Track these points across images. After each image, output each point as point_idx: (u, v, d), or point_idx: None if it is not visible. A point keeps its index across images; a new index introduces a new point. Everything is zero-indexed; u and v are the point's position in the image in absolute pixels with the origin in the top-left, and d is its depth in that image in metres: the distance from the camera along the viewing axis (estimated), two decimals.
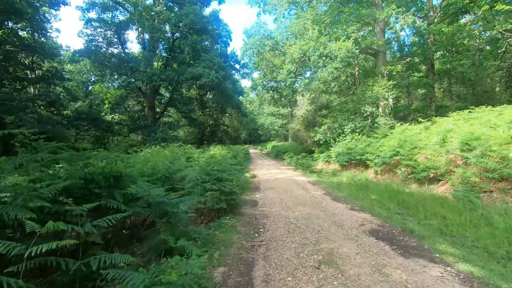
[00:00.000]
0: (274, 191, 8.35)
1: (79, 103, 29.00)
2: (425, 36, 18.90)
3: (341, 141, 16.75)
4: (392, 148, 11.41)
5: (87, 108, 24.97)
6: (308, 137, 26.16)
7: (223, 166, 6.09)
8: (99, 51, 22.24)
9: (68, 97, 18.76)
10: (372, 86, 17.13)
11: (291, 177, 12.06)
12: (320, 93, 27.65)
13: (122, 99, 22.50)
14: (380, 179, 11.55)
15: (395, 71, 17.58)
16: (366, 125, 16.41)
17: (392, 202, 6.97)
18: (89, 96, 26.99)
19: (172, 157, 9.32)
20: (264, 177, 12.02)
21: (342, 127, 17.75)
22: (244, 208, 6.22)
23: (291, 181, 10.46)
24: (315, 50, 15.16)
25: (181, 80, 22.39)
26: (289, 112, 43.18)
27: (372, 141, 14.56)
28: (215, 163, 6.20)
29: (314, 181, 10.86)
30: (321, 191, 8.50)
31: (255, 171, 15.10)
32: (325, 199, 7.18)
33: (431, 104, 20.84)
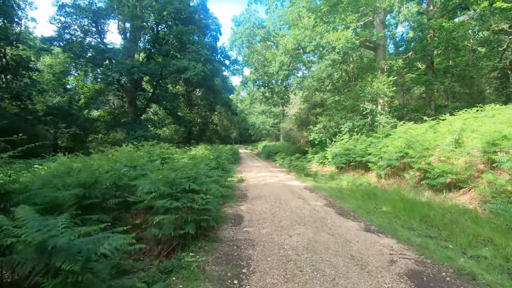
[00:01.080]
0: (264, 201, 6.75)
1: (58, 99, 26.75)
2: (425, 31, 17.77)
3: (338, 141, 15.41)
4: (399, 148, 10.02)
5: (66, 104, 22.83)
6: (301, 136, 24.72)
7: (195, 172, 4.45)
8: (74, 40, 20.19)
9: (34, 89, 16.63)
10: (371, 82, 15.78)
11: (284, 181, 10.49)
12: (314, 91, 26.33)
13: (98, 93, 20.47)
14: (385, 184, 10.15)
15: (396, 66, 16.26)
16: (366, 124, 15.04)
17: (413, 218, 5.50)
18: (68, 91, 24.84)
19: (138, 159, 7.63)
20: (253, 182, 10.41)
21: (339, 126, 16.38)
22: (224, 229, 4.59)
23: (285, 187, 8.89)
24: (311, 40, 13.68)
25: (165, 73, 20.58)
26: (281, 111, 41.76)
27: (373, 141, 13.23)
28: (184, 168, 4.56)
29: (311, 187, 9.32)
30: (322, 200, 6.96)
31: (243, 174, 13.48)
32: (329, 213, 5.62)
33: (430, 103, 19.69)
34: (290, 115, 37.34)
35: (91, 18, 20.36)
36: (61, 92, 26.19)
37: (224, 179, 6.91)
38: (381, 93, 15.05)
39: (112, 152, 9.25)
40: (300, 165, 12.77)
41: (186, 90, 30.32)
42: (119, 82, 20.17)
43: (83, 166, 4.12)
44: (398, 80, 20.49)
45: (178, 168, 4.44)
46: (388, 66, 16.80)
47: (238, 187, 9.12)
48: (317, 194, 7.92)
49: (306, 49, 13.97)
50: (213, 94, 25.89)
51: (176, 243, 3.71)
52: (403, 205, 6.38)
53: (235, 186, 9.22)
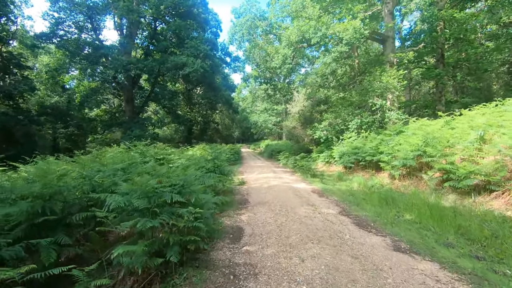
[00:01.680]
0: (268, 208, 5.87)
1: (56, 98, 26.02)
2: (434, 23, 16.79)
3: (346, 139, 14.50)
4: (416, 146, 9.11)
5: (65, 103, 22.08)
6: (305, 135, 23.80)
7: (183, 179, 3.57)
8: (68, 36, 19.41)
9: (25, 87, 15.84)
10: (380, 76, 14.82)
11: (289, 183, 9.60)
12: (318, 87, 25.40)
13: (93, 92, 19.66)
14: (400, 186, 9.25)
15: (406, 59, 15.27)
16: (375, 120, 14.10)
17: (445, 229, 4.61)
18: (66, 91, 24.08)
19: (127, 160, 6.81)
20: (255, 184, 9.54)
21: (346, 123, 15.47)
22: (219, 248, 3.72)
23: (290, 191, 8.00)
24: (316, 30, 12.75)
25: (163, 70, 19.74)
26: (284, 109, 40.84)
27: (385, 138, 12.32)
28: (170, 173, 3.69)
29: (320, 190, 8.43)
30: (334, 207, 6.06)
31: (245, 175, 12.63)
32: (346, 224, 4.73)
33: (440, 99, 18.72)
34: (293, 113, 36.41)
35: (86, 14, 19.55)
36: (60, 91, 25.46)
37: (223, 183, 6.05)
38: (391, 88, 14.11)
39: (100, 153, 8.45)
40: (306, 165, 11.88)
41: (186, 88, 29.49)
42: (115, 79, 19.35)
43: (40, 173, 3.25)
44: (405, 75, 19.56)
45: (161, 173, 3.55)
46: (397, 59, 15.86)
47: (238, 191, 8.25)
48: (328, 199, 7.02)
49: (311, 41, 13.04)
50: (214, 91, 25.03)
51: (155, 273, 2.84)
52: (430, 213, 5.49)
53: (235, 190, 8.35)
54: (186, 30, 20.43)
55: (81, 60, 18.43)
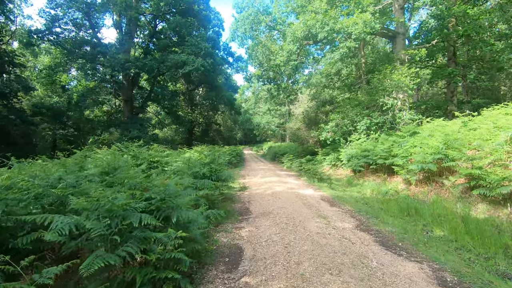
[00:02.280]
0: (272, 221, 5.02)
1: (55, 99, 25.42)
2: (446, 19, 15.98)
3: (354, 141, 13.65)
4: (436, 149, 8.22)
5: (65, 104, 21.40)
6: (309, 136, 22.95)
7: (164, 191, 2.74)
8: (66, 34, 18.78)
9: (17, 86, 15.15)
10: (391, 74, 13.94)
11: (295, 189, 8.74)
12: (322, 88, 24.59)
13: (90, 91, 18.98)
14: (418, 192, 8.38)
15: (418, 56, 14.38)
16: (386, 121, 13.21)
17: (490, 250, 3.76)
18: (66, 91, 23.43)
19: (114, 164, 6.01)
20: (258, 189, 8.69)
21: (354, 124, 14.61)
22: (210, 280, 2.87)
23: (297, 198, 7.14)
24: (323, 25, 11.92)
25: (162, 69, 19.01)
26: (287, 111, 40.03)
27: (398, 140, 11.46)
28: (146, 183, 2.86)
29: (330, 197, 7.56)
30: (350, 219, 5.19)
31: (247, 179, 11.79)
32: (368, 243, 3.87)
33: (452, 99, 17.80)
34: (296, 114, 35.55)
35: (83, 11, 18.91)
36: (60, 92, 24.85)
37: (220, 190, 5.22)
38: (403, 86, 13.22)
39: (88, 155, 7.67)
40: (312, 169, 11.01)
41: (188, 89, 28.78)
42: (113, 78, 18.64)
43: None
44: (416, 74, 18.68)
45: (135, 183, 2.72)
46: (409, 56, 15.00)
47: (239, 198, 7.41)
48: (340, 209, 6.15)
49: (318, 36, 12.20)
50: (215, 91, 24.28)
51: None
52: (465, 228, 4.61)
53: (236, 197, 7.51)
54: (187, 27, 19.71)
55: (78, 59, 17.76)
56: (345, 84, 22.47)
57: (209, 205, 4.66)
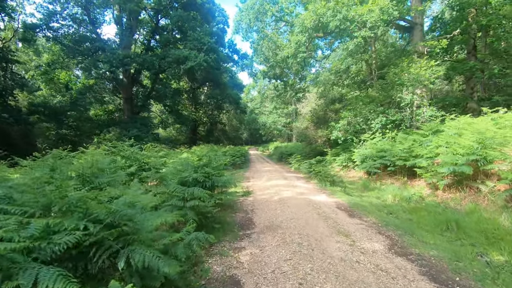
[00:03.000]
0: (281, 239, 3.99)
1: (58, 98, 24.82)
2: (466, 9, 14.77)
3: (368, 140, 12.53)
4: (470, 149, 7.10)
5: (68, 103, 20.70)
6: (318, 136, 21.77)
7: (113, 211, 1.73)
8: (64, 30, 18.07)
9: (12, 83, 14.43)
10: (409, 68, 12.76)
11: (306, 195, 7.68)
12: (331, 85, 23.42)
13: (87, 89, 18.23)
14: (447, 199, 7.28)
15: (439, 48, 13.15)
16: (405, 118, 12.04)
17: None
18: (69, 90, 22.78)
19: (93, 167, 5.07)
20: (263, 195, 7.66)
21: (368, 122, 13.48)
22: None
23: (310, 207, 6.09)
24: (335, 13, 10.84)
25: (164, 65, 18.14)
26: (294, 110, 38.91)
27: (419, 139, 10.34)
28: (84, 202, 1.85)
29: (347, 205, 6.48)
30: (378, 237, 4.11)
31: (251, 181, 10.76)
32: (414, 279, 2.81)
33: (473, 95, 16.48)
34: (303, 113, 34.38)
35: (82, 5, 18.16)
36: (64, 91, 24.25)
37: (215, 200, 4.19)
38: (423, 80, 12.02)
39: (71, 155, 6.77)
40: (324, 171, 9.92)
41: (191, 87, 27.92)
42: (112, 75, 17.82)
43: None
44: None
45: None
46: (428, 48, 13.79)
47: (241, 205, 6.39)
48: (363, 221, 5.07)
49: (329, 26, 11.12)
50: (220, 89, 23.34)
51: None
52: None
53: (237, 204, 6.50)
54: (189, 22, 18.80)
55: (76, 55, 17.00)
56: (355, 82, 21.36)
57: (200, 219, 3.66)
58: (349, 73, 21.73)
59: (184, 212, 3.42)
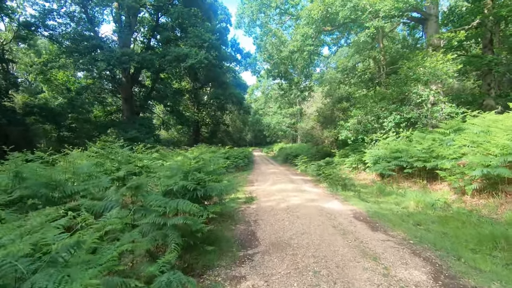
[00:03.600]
0: (291, 264, 3.14)
1: (60, 100, 24.31)
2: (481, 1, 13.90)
3: (380, 140, 11.63)
4: (507, 148, 6.26)
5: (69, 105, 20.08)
6: (325, 136, 20.85)
7: None
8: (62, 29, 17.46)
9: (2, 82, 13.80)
10: (424, 61, 11.83)
11: (317, 201, 6.80)
12: (338, 84, 22.52)
13: (83, 89, 17.60)
14: (479, 206, 6.37)
15: (456, 40, 12.18)
16: (421, 116, 11.10)
17: None
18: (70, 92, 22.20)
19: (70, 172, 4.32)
20: (268, 202, 6.80)
21: (380, 120, 12.57)
22: None
23: (323, 217, 5.21)
24: (345, 1, 9.97)
25: (164, 64, 17.43)
26: (298, 110, 38.01)
27: (440, 138, 9.45)
28: None
29: (366, 214, 5.59)
30: (416, 261, 3.22)
31: (255, 185, 9.89)
32: None
33: (490, 92, 15.43)
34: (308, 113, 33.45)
35: (79, 3, 17.53)
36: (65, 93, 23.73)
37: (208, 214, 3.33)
38: (441, 75, 11.08)
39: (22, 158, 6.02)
40: (335, 174, 9.02)
41: (194, 87, 27.20)
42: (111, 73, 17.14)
43: None
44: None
45: None
46: (444, 40, 12.85)
47: (243, 215, 5.55)
48: (389, 236, 4.18)
49: (339, 15, 10.24)
50: (222, 89, 22.56)
51: None
52: None
53: (238, 213, 5.66)
54: (190, 18, 18.08)
55: (73, 54, 16.35)
56: (362, 80, 20.50)
57: (187, 241, 2.82)
58: (356, 71, 20.86)
59: (164, 232, 2.58)
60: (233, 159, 15.42)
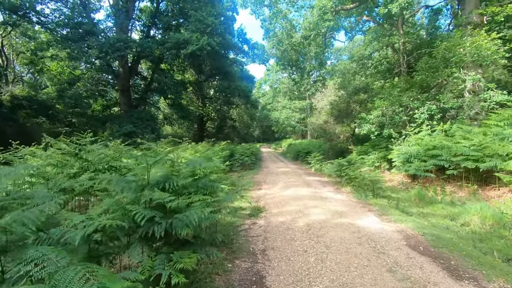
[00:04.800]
0: None
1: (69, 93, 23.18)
2: None
3: (411, 135, 9.85)
4: None
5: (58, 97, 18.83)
6: (340, 131, 19.00)
7: None
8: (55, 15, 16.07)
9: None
10: (464, 42, 9.89)
11: (346, 216, 5.08)
12: (353, 74, 20.59)
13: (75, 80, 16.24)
14: None
15: (503, 15, 10.15)
16: (464, 106, 9.23)
17: None
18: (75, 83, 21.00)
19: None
20: (280, 216, 5.13)
21: (411, 112, 10.76)
22: None
23: (365, 248, 3.54)
24: None
25: (163, 51, 15.88)
26: (308, 104, 36.08)
27: (495, 131, 7.67)
28: None
29: (424, 241, 3.85)
30: None
31: (263, 189, 8.22)
32: None
33: None
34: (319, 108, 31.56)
35: None
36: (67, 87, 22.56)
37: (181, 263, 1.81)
38: (487, 56, 9.16)
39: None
40: (362, 177, 7.27)
41: (198, 80, 25.62)
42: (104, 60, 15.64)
43: None
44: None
45: None
46: (488, 16, 10.85)
47: (246, 239, 3.92)
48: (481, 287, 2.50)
49: None
50: (228, 80, 20.88)
51: None
52: None
53: (240, 234, 4.04)
54: (192, 2, 16.44)
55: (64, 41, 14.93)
56: (378, 71, 18.61)
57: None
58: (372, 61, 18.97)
59: None
60: (238, 156, 13.80)
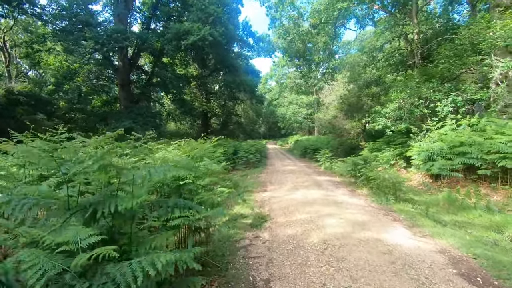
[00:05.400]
0: None
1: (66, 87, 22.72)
2: None
3: (433, 130, 8.85)
4: None
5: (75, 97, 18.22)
6: (350, 127, 17.96)
7: None
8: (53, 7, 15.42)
9: None
10: (494, 25, 8.80)
11: (370, 229, 4.18)
12: (363, 67, 19.54)
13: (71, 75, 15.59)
14: None
15: None
16: (496, 97, 8.18)
17: None
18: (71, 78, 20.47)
19: None
20: (289, 228, 4.27)
21: (432, 105, 9.75)
22: None
23: (401, 279, 2.68)
24: None
25: (163, 43, 15.11)
26: (315, 100, 35.03)
27: None
28: None
29: (478, 268, 2.94)
30: None
31: (268, 191, 7.36)
32: None
33: None
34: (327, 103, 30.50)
35: None
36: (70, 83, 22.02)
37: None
38: None
39: None
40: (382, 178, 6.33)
41: (201, 75, 24.81)
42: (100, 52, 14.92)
43: None
44: None
45: None
46: None
47: (245, 261, 3.09)
48: None
49: None
50: (232, 74, 20.00)
51: None
52: None
53: (238, 254, 3.21)
54: None
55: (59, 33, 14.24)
56: (389, 64, 17.63)
57: None
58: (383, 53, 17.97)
59: None
60: (242, 153, 12.98)
